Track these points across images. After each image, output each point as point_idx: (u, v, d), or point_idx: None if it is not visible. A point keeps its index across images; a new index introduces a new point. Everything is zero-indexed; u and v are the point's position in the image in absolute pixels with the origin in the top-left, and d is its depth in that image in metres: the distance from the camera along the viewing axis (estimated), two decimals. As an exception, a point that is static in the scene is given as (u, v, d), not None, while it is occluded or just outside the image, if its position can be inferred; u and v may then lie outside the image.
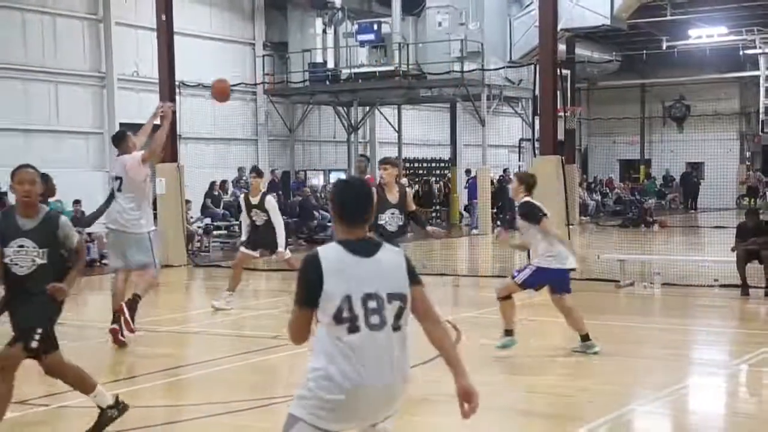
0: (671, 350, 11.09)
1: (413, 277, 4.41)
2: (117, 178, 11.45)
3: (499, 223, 29.00)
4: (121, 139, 11.93)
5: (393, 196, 10.90)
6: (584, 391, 8.75)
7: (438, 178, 37.15)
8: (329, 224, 28.50)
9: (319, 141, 34.34)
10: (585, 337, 10.15)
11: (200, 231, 24.47)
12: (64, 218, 6.72)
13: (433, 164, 37.81)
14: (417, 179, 36.17)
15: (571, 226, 18.38)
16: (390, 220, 10.85)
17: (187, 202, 22.80)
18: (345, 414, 4.33)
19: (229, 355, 10.78)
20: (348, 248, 4.31)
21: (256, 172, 14.59)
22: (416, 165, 37.09)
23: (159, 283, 13.10)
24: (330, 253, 4.30)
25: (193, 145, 27.53)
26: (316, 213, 28.12)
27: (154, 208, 21.89)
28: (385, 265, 4.35)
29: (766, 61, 41.67)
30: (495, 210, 31.07)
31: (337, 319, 4.22)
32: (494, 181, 31.69)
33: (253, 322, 13.46)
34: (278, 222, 14.25)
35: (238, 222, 25.79)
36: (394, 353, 4.39)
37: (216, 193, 26.99)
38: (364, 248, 4.34)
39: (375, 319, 4.27)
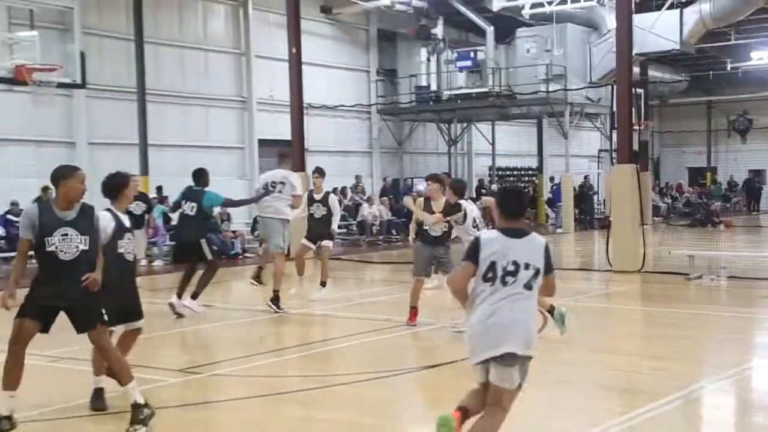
0: (736, 335, 10.81)
1: (548, 263, 5.40)
2: (280, 183, 12.66)
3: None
4: (286, 157, 13.90)
5: (438, 207, 10.90)
6: (658, 369, 8.55)
7: (526, 185, 36.87)
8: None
9: (423, 153, 34.33)
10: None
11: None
12: (97, 213, 6.79)
13: (522, 172, 37.53)
14: (508, 185, 36.04)
15: (645, 226, 18.01)
16: (434, 226, 11.02)
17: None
18: (486, 340, 5.29)
19: (349, 335, 10.84)
20: (503, 233, 5.36)
21: (319, 172, 14.45)
22: (507, 173, 36.88)
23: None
24: (488, 235, 5.47)
25: (318, 156, 27.70)
26: (421, 214, 28.07)
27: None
28: (529, 245, 5.35)
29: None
30: (577, 211, 30.86)
31: (484, 277, 5.28)
32: (576, 187, 31.34)
33: (369, 307, 13.51)
34: (336, 216, 14.47)
35: (355, 222, 26.29)
36: (521, 303, 5.29)
37: (337, 197, 27.19)
38: (515, 233, 5.35)
39: (510, 279, 5.26)
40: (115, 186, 7.18)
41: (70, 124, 22.51)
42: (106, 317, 6.60)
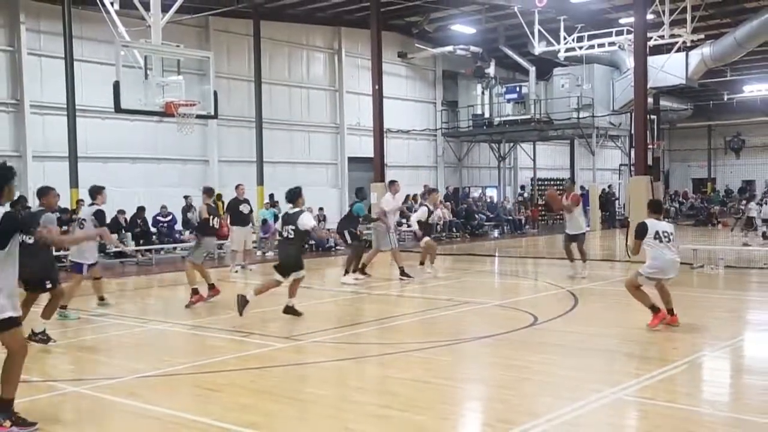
0: (731, 313, 10.48)
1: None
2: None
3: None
4: (391, 184, 15.18)
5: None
6: (667, 340, 8.33)
7: (561, 192, 36.30)
8: (486, 223, 28.34)
9: (478, 167, 34.11)
10: None
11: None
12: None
13: (557, 182, 36.98)
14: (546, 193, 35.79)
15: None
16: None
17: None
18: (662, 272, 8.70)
19: (419, 311, 10.83)
20: (653, 218, 8.94)
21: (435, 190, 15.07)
22: (546, 183, 36.40)
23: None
24: (648, 220, 8.88)
25: (395, 170, 27.82)
26: (476, 215, 27.92)
27: (369, 211, 22.44)
28: (667, 225, 9.01)
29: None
30: (602, 214, 30.39)
31: (655, 239, 8.67)
32: (601, 194, 30.82)
33: (434, 290, 13.48)
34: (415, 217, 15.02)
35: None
36: (675, 249, 8.87)
37: (409, 202, 27.19)
38: (658, 219, 8.95)
39: (666, 240, 8.70)
40: None
41: (205, 147, 23.04)
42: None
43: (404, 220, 21.20)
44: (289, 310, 10.04)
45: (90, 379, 7.06)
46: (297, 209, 9.97)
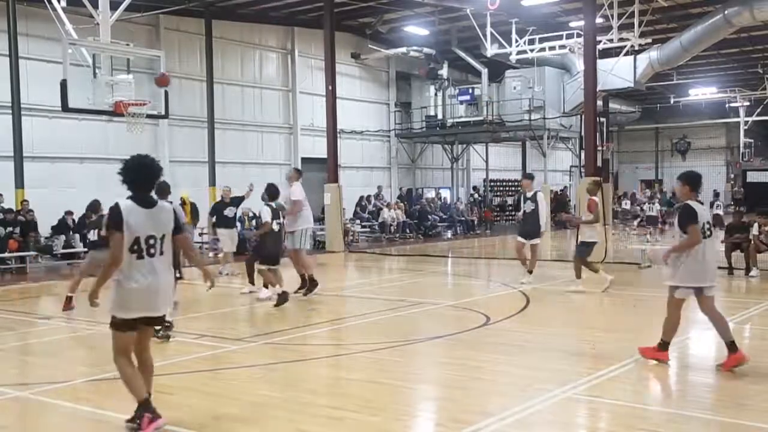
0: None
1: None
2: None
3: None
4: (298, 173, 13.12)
5: None
6: (617, 339, 8.52)
7: (513, 193, 36.87)
8: (439, 224, 28.52)
9: (432, 168, 34.27)
10: None
11: (353, 229, 24.70)
12: None
13: (510, 184, 37.43)
14: (499, 194, 36.21)
15: (606, 225, 17.90)
16: None
17: (344, 209, 23.08)
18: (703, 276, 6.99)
19: (371, 312, 10.85)
20: (696, 200, 7.04)
21: (527, 176, 13.99)
22: (498, 184, 36.80)
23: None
24: (693, 203, 6.95)
25: (348, 171, 27.85)
26: (429, 216, 28.08)
27: (321, 213, 22.39)
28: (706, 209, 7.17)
29: (744, 110, 40.81)
30: (553, 214, 30.79)
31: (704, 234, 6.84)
32: (552, 194, 31.24)
33: (387, 290, 13.51)
34: (543, 211, 13.54)
35: (377, 223, 26.29)
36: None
37: (363, 203, 27.25)
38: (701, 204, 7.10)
39: (709, 233, 6.93)
40: None
41: (155, 147, 22.65)
42: None
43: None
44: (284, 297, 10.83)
45: (35, 383, 6.89)
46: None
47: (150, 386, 5.44)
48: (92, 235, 11.11)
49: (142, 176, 5.38)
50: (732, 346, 6.96)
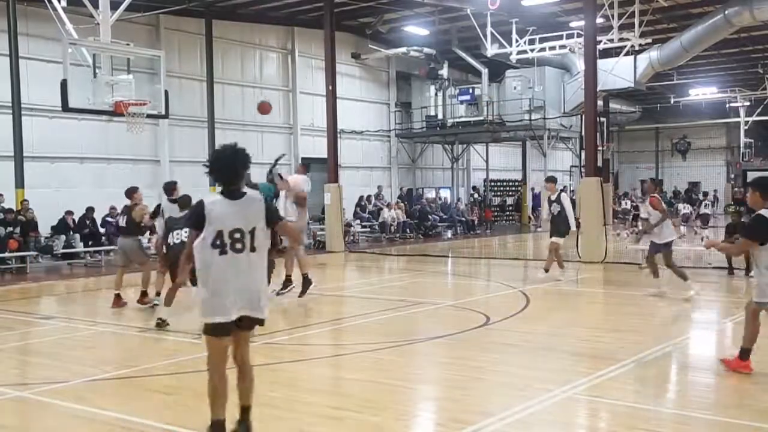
0: (678, 312, 10.73)
1: None
2: None
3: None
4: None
5: None
6: (617, 339, 8.51)
7: (513, 193, 36.86)
8: (439, 224, 28.52)
9: (432, 168, 34.30)
10: None
11: (353, 228, 24.69)
12: None
13: (510, 183, 37.44)
14: (499, 193, 36.20)
15: (606, 225, 17.92)
16: None
17: (344, 209, 23.06)
18: None
19: (372, 312, 10.85)
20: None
21: (550, 179, 14.12)
22: (498, 184, 36.79)
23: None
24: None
25: (348, 171, 27.87)
26: (429, 216, 28.08)
27: (322, 213, 22.38)
28: None
29: (744, 110, 40.73)
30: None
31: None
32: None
33: (388, 290, 13.52)
34: (569, 211, 13.62)
35: (377, 223, 26.29)
36: None
37: (363, 203, 27.24)
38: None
39: None
40: None
41: (155, 147, 22.68)
42: None
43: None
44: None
45: (35, 383, 6.89)
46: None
47: (246, 398, 5.03)
48: (121, 221, 11.26)
49: (227, 166, 4.96)
50: (746, 353, 6.75)
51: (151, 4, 20.64)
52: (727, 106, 40.42)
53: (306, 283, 11.60)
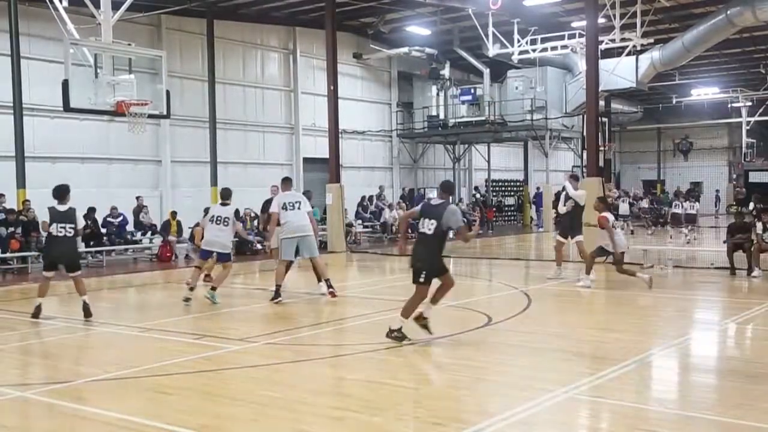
0: (680, 312, 10.73)
1: None
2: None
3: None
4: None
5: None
6: (618, 340, 8.49)
7: (514, 193, 36.86)
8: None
9: (433, 168, 34.30)
10: None
11: (354, 229, 24.68)
12: None
13: (512, 184, 37.43)
14: (501, 194, 36.19)
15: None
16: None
17: (345, 209, 23.05)
18: None
19: (373, 312, 10.83)
20: None
21: (576, 178, 14.29)
22: (500, 184, 36.79)
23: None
24: None
25: (350, 171, 27.88)
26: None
27: (323, 213, 22.38)
28: None
29: (746, 111, 40.70)
30: (555, 215, 30.71)
31: None
32: (554, 195, 31.21)
33: (389, 291, 13.49)
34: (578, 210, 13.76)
35: (379, 223, 26.28)
36: None
37: (365, 203, 27.23)
38: None
39: None
40: None
41: (157, 147, 22.69)
42: None
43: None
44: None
45: (35, 383, 6.89)
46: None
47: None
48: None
49: None
50: None
51: (152, 4, 20.66)
52: (729, 106, 40.44)
53: (277, 293, 11.48)
